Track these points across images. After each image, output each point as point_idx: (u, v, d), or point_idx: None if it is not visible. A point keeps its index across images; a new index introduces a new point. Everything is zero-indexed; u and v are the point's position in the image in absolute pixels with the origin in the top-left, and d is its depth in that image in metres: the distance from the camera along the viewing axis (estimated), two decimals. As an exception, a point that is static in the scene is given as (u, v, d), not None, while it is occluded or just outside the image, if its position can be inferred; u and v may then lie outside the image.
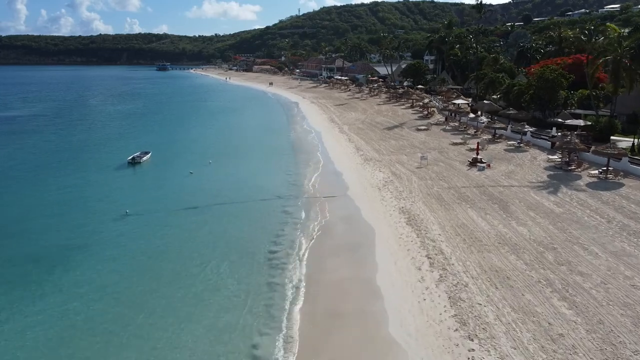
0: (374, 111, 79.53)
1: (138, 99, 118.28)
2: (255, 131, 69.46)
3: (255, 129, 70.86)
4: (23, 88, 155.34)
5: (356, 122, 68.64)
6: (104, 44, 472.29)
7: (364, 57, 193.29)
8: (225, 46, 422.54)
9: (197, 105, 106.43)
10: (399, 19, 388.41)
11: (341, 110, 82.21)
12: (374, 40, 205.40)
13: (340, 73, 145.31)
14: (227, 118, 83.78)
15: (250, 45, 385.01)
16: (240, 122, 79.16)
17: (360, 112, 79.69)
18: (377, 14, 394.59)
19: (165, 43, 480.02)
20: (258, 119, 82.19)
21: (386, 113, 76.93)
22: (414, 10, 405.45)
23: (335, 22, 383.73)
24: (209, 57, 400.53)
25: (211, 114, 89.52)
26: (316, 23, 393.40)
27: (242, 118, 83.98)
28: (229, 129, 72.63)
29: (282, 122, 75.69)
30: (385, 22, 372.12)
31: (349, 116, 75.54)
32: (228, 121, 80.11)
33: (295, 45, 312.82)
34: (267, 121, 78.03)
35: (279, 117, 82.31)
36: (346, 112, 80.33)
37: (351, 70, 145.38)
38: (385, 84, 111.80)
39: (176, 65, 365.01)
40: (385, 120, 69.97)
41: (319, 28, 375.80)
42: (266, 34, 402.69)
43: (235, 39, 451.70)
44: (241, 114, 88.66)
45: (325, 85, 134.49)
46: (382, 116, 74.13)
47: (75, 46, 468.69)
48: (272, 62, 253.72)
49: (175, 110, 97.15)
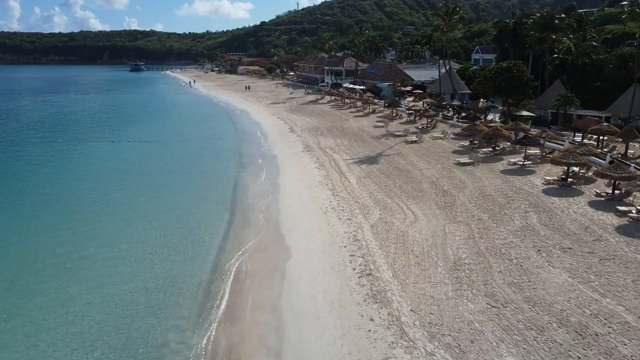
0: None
1: None
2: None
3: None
4: None
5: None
6: (85, 41, 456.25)
7: (379, 56, 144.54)
8: (216, 44, 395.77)
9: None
10: (408, 14, 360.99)
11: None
12: (383, 37, 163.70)
13: (352, 79, 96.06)
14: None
15: (242, 43, 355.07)
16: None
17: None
18: (383, 9, 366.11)
19: (151, 41, 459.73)
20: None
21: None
22: (424, 5, 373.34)
23: (337, 17, 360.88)
24: (198, 55, 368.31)
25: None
26: (317, 18, 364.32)
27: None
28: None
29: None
30: (393, 17, 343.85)
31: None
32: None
33: (292, 42, 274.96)
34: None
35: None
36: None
37: (369, 74, 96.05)
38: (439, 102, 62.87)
39: (156, 65, 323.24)
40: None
41: (320, 24, 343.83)
42: (261, 30, 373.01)
43: (227, 36, 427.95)
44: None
45: (330, 99, 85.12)
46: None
47: (54, 43, 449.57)
48: (262, 61, 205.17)
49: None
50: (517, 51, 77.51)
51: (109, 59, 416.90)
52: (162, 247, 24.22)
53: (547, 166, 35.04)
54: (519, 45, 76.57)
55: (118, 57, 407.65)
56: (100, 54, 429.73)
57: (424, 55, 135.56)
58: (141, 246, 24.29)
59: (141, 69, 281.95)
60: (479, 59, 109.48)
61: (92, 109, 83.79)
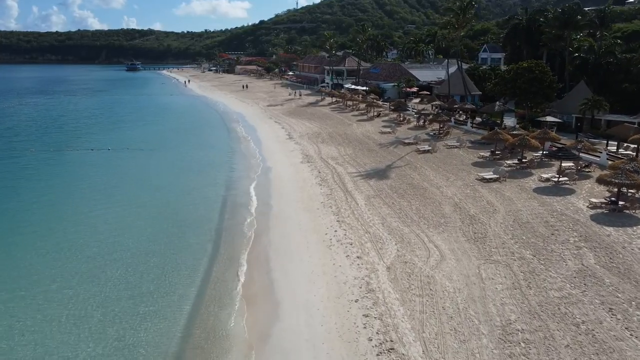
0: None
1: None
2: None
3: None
4: None
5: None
6: (82, 40, 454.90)
7: (381, 55, 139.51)
8: (214, 43, 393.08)
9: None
10: (408, 12, 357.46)
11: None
12: (385, 36, 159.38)
13: (355, 79, 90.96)
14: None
15: (241, 42, 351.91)
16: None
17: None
18: (384, 7, 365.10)
19: (149, 40, 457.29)
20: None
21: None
22: (424, 4, 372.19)
23: (337, 15, 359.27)
24: (196, 54, 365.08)
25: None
26: (316, 17, 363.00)
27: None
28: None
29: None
30: (394, 16, 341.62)
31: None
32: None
33: (291, 41, 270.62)
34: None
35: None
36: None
37: (372, 74, 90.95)
38: (450, 105, 57.87)
39: (154, 64, 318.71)
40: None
41: (320, 22, 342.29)
42: (260, 29, 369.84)
43: (226, 35, 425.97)
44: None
45: (330, 101, 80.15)
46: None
47: (50, 43, 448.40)
48: (261, 60, 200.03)
49: None
50: (530, 50, 72.68)
51: (106, 59, 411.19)
52: (130, 300, 19.20)
53: (586, 183, 30.08)
54: (532, 44, 71.72)
55: (115, 56, 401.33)
56: (97, 53, 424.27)
57: (427, 55, 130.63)
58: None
59: (137, 69, 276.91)
60: (487, 58, 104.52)
61: (77, 112, 78.64)
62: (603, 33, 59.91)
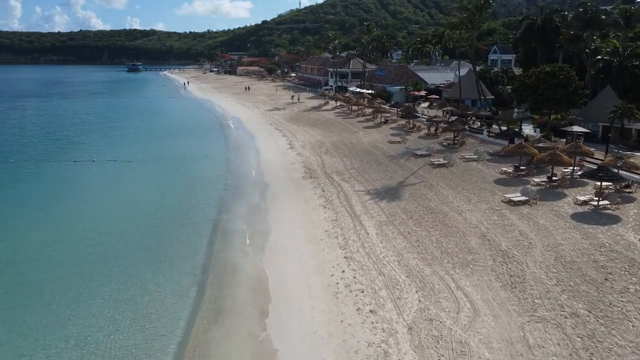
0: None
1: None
2: None
3: None
4: None
5: None
6: (84, 40, 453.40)
7: (386, 56, 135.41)
8: (217, 43, 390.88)
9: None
10: (412, 12, 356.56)
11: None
12: (389, 37, 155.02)
13: (360, 82, 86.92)
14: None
15: (243, 42, 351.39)
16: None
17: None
18: (387, 7, 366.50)
19: (151, 40, 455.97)
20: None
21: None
22: (428, 4, 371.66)
23: (340, 15, 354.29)
24: (198, 55, 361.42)
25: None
26: (319, 17, 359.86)
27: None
28: None
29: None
30: (397, 16, 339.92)
31: None
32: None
33: (294, 41, 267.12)
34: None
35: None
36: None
37: (378, 77, 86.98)
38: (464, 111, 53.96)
39: (155, 65, 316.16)
40: None
41: (323, 22, 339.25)
42: (262, 30, 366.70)
43: (228, 35, 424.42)
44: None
45: (334, 105, 76.18)
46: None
47: (52, 43, 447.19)
48: (263, 61, 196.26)
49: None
50: (545, 51, 68.59)
51: (108, 59, 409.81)
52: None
53: (631, 208, 26.07)
54: (548, 45, 67.63)
55: (118, 56, 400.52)
56: (99, 54, 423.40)
57: (434, 56, 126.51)
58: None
59: (139, 69, 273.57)
60: (497, 59, 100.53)
61: (67, 118, 74.91)
62: (627, 34, 55.72)
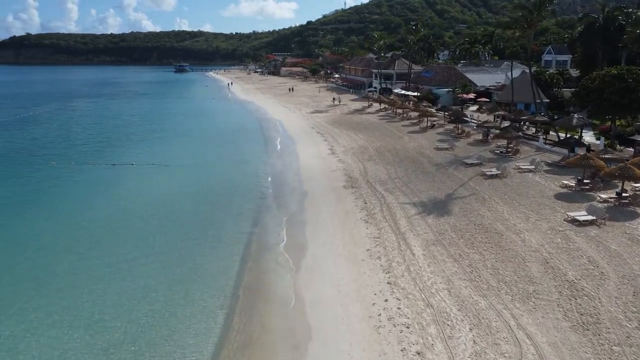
0: None
1: None
2: None
3: None
4: None
5: None
6: (135, 42, 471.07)
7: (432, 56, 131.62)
8: (262, 44, 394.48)
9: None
10: (459, 12, 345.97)
11: None
12: (436, 37, 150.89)
13: (405, 83, 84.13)
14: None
15: (288, 43, 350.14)
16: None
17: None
18: (434, 7, 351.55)
19: (199, 41, 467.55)
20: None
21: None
22: (477, 3, 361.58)
23: (386, 15, 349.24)
24: (243, 56, 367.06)
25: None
26: (364, 17, 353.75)
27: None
28: None
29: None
30: (444, 15, 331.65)
31: None
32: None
33: (339, 42, 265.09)
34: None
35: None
36: None
37: (424, 78, 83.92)
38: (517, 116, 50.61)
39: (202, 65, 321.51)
40: None
41: (367, 22, 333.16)
42: (307, 30, 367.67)
43: (273, 35, 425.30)
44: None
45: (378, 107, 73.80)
46: None
47: (105, 44, 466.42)
48: (307, 62, 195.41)
49: None
50: (607, 51, 64.04)
51: (157, 60, 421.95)
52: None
53: None
54: (610, 45, 63.07)
55: (166, 57, 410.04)
56: (149, 55, 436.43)
57: (484, 57, 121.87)
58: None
59: (185, 70, 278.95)
60: (551, 60, 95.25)
61: (111, 119, 75.66)
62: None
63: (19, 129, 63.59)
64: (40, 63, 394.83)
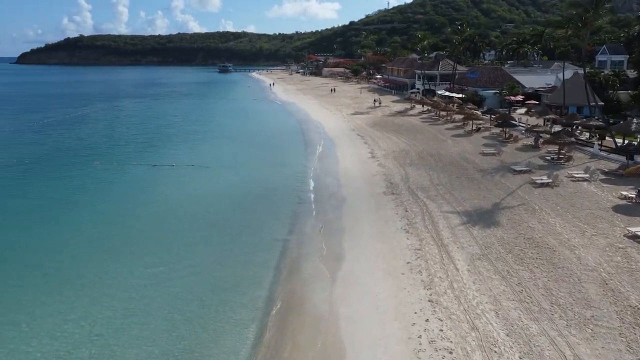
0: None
1: None
2: None
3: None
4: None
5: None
6: (181, 43, 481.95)
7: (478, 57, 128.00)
8: (304, 44, 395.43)
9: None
10: (506, 11, 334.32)
11: None
12: (482, 36, 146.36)
13: (449, 84, 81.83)
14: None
15: (330, 43, 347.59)
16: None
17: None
18: (480, 6, 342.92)
19: (242, 42, 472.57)
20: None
21: None
22: (524, 1, 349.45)
23: (430, 15, 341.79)
24: (286, 56, 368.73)
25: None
26: (407, 17, 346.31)
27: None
28: None
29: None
30: (490, 14, 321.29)
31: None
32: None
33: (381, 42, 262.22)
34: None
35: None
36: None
37: (469, 80, 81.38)
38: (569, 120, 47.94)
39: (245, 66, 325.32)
40: None
41: (411, 22, 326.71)
42: (349, 30, 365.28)
43: (316, 36, 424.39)
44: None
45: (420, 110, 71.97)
46: None
47: (152, 45, 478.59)
48: (348, 62, 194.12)
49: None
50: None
51: (202, 60, 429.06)
52: None
53: None
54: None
55: (211, 58, 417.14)
56: (194, 55, 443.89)
57: (533, 57, 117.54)
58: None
59: (229, 70, 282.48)
60: (606, 60, 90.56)
61: (155, 119, 76.89)
62: None
63: (66, 128, 65.46)
64: (92, 63, 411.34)
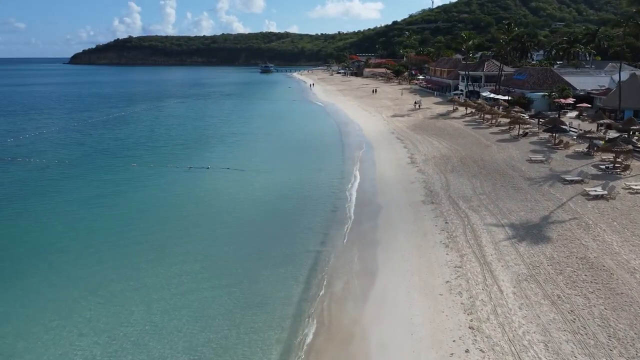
0: None
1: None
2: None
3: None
4: None
5: None
6: (225, 43, 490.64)
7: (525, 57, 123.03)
8: (346, 44, 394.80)
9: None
10: (557, 9, 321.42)
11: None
12: (530, 36, 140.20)
13: (494, 86, 78.66)
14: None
15: (372, 43, 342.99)
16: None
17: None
18: (528, 4, 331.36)
19: (285, 42, 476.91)
20: None
21: None
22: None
23: (476, 14, 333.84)
24: (327, 56, 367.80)
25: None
26: (452, 16, 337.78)
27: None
28: None
29: None
30: (540, 13, 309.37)
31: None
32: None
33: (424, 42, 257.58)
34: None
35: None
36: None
37: (516, 81, 78.03)
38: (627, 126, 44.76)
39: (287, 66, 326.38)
40: None
41: (456, 22, 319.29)
42: (392, 30, 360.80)
43: (358, 36, 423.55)
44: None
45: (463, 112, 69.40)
46: None
47: (197, 46, 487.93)
48: (390, 62, 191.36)
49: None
50: None
51: (245, 60, 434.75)
52: None
53: None
54: None
55: (254, 58, 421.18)
56: (237, 56, 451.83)
57: (585, 57, 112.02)
58: None
59: (270, 71, 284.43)
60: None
61: (194, 120, 77.50)
62: None
63: (107, 129, 66.59)
64: (140, 64, 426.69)
